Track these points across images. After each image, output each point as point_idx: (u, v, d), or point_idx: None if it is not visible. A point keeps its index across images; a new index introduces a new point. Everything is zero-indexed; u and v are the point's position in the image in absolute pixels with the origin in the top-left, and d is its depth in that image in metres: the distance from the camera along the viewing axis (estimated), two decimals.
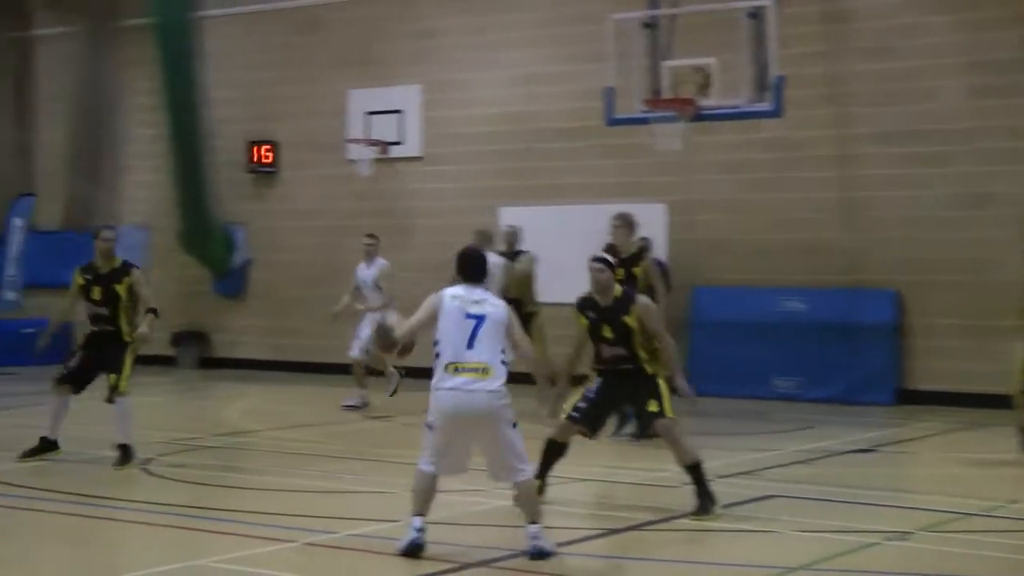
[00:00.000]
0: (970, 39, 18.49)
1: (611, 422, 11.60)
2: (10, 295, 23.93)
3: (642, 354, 10.30)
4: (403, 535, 8.67)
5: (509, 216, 20.96)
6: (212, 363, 23.56)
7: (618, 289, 10.45)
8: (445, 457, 8.85)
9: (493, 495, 11.22)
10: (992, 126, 18.30)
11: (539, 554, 8.59)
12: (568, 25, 20.90)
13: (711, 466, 12.41)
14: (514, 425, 8.74)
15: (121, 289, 12.75)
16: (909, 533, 9.53)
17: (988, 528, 9.90)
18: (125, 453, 12.58)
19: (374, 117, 22.39)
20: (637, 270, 14.42)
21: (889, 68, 18.94)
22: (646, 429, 10.89)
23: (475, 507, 10.51)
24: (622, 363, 10.36)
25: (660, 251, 19.83)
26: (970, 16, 18.48)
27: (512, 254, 17.31)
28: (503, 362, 8.76)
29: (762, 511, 10.35)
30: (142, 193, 24.85)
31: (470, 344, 8.73)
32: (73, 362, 12.85)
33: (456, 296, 8.92)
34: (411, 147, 22.28)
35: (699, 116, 17.12)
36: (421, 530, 8.69)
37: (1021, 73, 18.09)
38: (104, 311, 12.77)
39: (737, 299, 19.33)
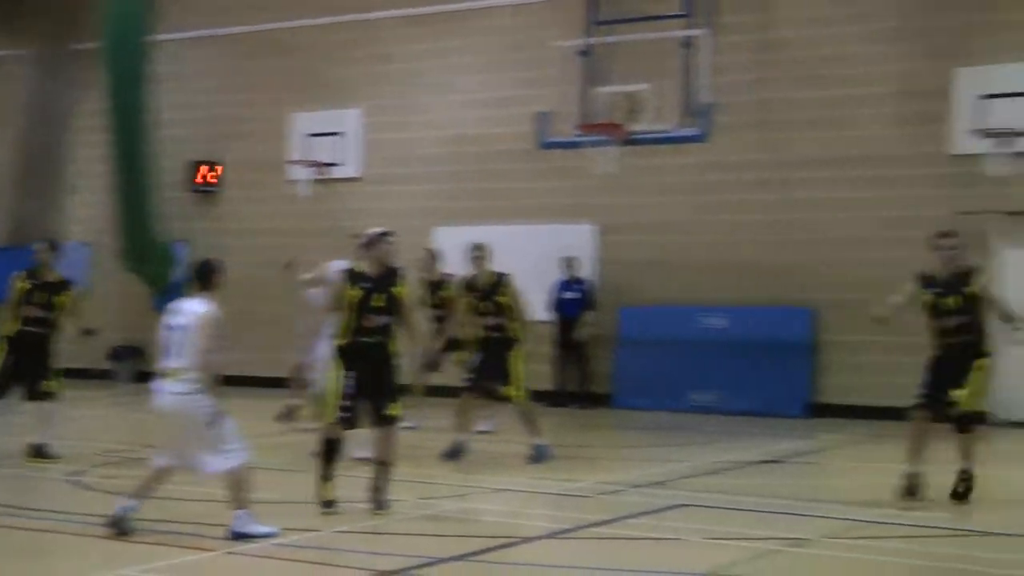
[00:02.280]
0: (897, 69, 18.77)
1: None
2: None
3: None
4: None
5: (447, 236, 21.05)
6: (149, 377, 23.38)
7: None
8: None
9: (411, 505, 11.27)
10: (916, 153, 18.55)
11: (238, 536, 9.44)
12: (507, 52, 21.01)
13: (629, 477, 12.56)
14: (210, 423, 9.52)
15: (62, 301, 13.51)
16: (809, 540, 9.63)
17: (885, 535, 9.99)
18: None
19: (315, 139, 22.45)
20: (503, 299, 13.95)
21: (820, 96, 19.20)
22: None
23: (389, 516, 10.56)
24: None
25: (588, 270, 20.00)
26: (898, 48, 18.77)
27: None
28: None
29: (673, 519, 10.39)
30: (88, 211, 24.81)
31: (167, 352, 9.72)
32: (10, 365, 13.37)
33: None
34: (350, 169, 22.37)
35: (630, 140, 17.27)
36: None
37: (944, 102, 18.34)
38: (46, 315, 13.41)
39: (661, 317, 19.50)
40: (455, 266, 19.07)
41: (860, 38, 18.99)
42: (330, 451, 10.71)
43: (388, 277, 10.86)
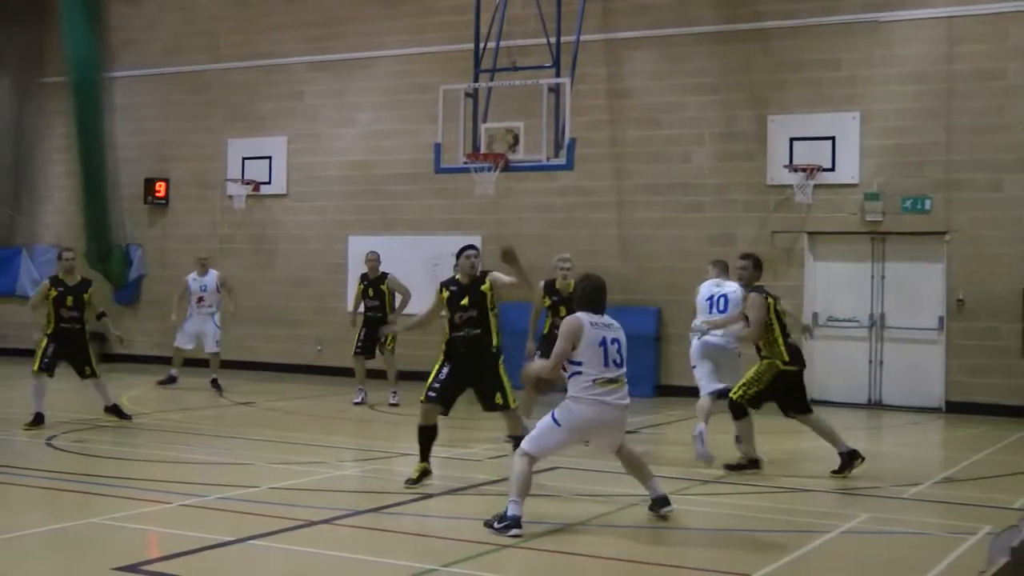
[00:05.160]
0: (718, 115, 18.92)
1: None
2: None
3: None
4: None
5: (356, 244, 20.89)
6: (111, 358, 22.91)
7: None
8: None
9: (332, 466, 11.16)
10: (733, 182, 18.73)
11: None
12: (408, 92, 20.90)
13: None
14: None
15: (87, 297, 13.55)
16: None
17: (714, 492, 10.12)
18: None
19: (248, 161, 22.14)
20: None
21: (657, 135, 19.29)
22: None
23: (318, 475, 10.41)
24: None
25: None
26: (718, 98, 18.92)
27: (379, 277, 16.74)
28: None
29: (551, 479, 10.40)
30: (57, 219, 24.21)
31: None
32: (50, 351, 13.42)
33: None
34: (278, 186, 22.05)
35: (509, 168, 17.21)
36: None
37: (755, 143, 18.56)
38: (76, 314, 13.44)
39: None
40: (361, 269, 19.00)
41: (690, 89, 19.13)
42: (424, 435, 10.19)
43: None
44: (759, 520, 9.03)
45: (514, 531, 8.18)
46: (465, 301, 10.44)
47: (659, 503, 8.77)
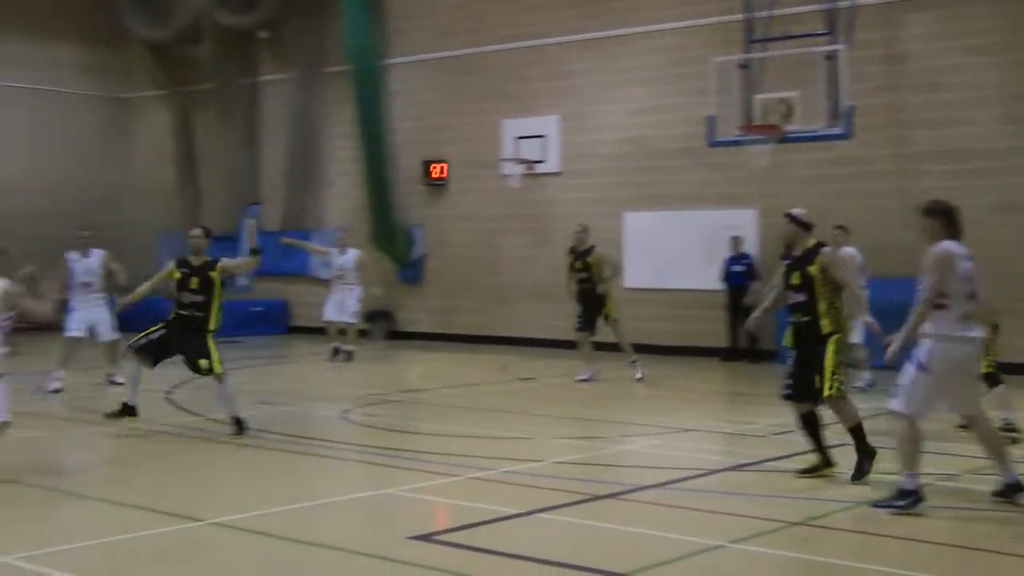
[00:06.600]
0: (1004, 76, 17.94)
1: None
2: (243, 281, 24.45)
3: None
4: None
5: (631, 220, 20.89)
6: (397, 336, 23.82)
7: None
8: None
9: (614, 441, 11.20)
10: (1022, 146, 17.75)
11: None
12: (677, 66, 20.71)
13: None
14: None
15: (215, 276, 11.46)
16: (956, 475, 9.28)
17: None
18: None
19: (522, 141, 22.42)
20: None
21: (939, 99, 18.46)
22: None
23: (601, 450, 10.48)
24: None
25: (752, 247, 19.66)
26: (1004, 57, 17.93)
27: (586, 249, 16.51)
28: None
29: (837, 456, 10.06)
30: (342, 202, 25.16)
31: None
32: (155, 335, 11.46)
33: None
34: (552, 165, 22.25)
35: (784, 139, 16.92)
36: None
37: None
38: (200, 299, 11.46)
39: None
40: (636, 245, 18.96)
41: (970, 50, 18.18)
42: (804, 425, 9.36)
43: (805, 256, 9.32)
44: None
45: (920, 505, 7.88)
46: (796, 279, 9.27)
47: (1012, 489, 8.08)
